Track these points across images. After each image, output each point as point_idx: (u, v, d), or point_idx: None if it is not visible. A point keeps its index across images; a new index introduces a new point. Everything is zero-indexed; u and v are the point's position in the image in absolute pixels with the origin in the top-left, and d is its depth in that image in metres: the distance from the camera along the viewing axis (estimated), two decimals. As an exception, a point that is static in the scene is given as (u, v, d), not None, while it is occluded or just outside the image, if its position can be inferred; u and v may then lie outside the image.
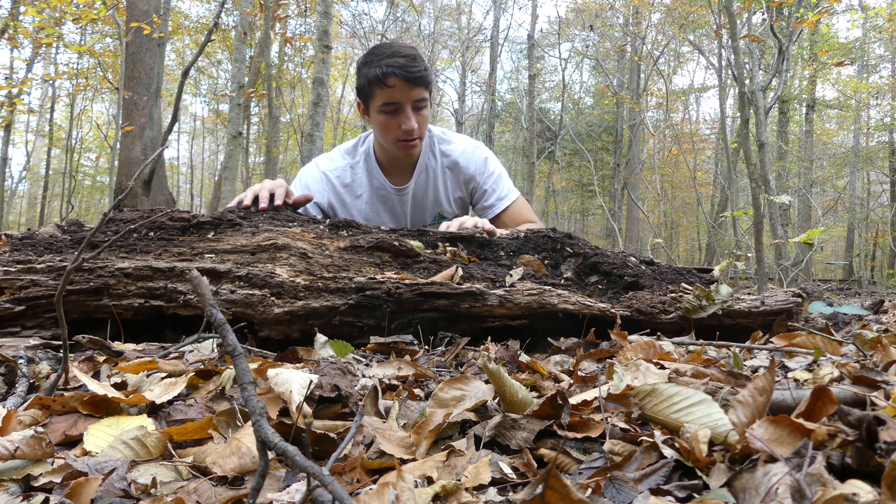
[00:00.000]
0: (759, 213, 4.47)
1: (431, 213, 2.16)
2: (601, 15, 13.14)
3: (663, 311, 1.49)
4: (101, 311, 1.37)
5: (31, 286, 1.32)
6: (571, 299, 1.47)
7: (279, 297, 1.37)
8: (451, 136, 2.17)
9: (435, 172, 2.12)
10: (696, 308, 1.47)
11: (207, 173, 23.15)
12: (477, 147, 2.17)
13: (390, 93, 1.84)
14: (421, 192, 2.12)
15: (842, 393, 0.74)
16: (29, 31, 9.69)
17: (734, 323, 1.51)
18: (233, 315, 1.35)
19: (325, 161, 2.13)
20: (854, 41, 13.02)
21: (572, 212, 19.87)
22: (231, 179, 5.62)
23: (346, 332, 1.40)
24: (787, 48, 5.39)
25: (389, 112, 1.88)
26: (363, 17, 12.78)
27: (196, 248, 1.48)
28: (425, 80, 1.87)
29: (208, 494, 0.60)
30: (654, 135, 11.78)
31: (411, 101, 1.87)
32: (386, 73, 1.81)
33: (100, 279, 1.35)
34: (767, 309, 1.50)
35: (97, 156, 13.37)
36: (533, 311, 1.44)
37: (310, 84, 7.47)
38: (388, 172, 2.09)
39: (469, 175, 2.12)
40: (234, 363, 0.63)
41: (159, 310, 1.37)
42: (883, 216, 12.94)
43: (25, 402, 0.85)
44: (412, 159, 2.05)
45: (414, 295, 1.41)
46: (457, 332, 1.45)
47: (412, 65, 1.82)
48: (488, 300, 1.42)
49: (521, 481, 0.64)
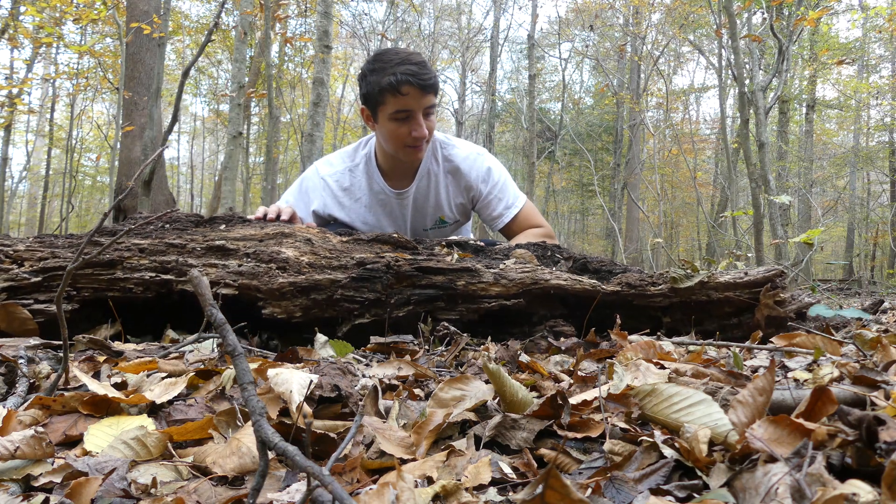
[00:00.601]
0: (759, 213, 4.47)
1: (432, 217, 2.16)
2: (601, 15, 13.14)
3: (651, 284, 1.56)
4: (114, 286, 1.43)
5: (50, 257, 1.43)
6: (563, 276, 1.56)
7: (284, 271, 1.45)
8: (454, 140, 2.16)
9: (437, 177, 2.11)
10: (682, 278, 1.53)
11: (207, 173, 23.16)
12: (480, 154, 2.14)
13: (404, 101, 1.84)
14: (422, 196, 2.12)
15: (842, 393, 0.74)
16: (29, 31, 9.69)
17: (722, 297, 1.56)
18: (238, 288, 1.42)
19: (324, 166, 2.13)
20: (854, 41, 13.02)
21: (572, 212, 19.87)
22: (231, 179, 5.62)
23: (346, 308, 1.46)
24: (787, 48, 5.39)
25: (401, 119, 1.88)
26: (363, 17, 12.80)
27: (208, 237, 1.58)
28: (436, 86, 1.89)
29: (208, 494, 0.60)
30: (654, 135, 11.78)
31: (422, 108, 1.88)
32: (400, 81, 1.81)
33: (115, 252, 1.44)
34: (752, 279, 1.55)
35: (97, 156, 13.39)
36: (527, 287, 1.51)
37: (310, 84, 7.47)
38: (388, 177, 2.09)
39: (470, 182, 2.11)
40: (234, 363, 0.63)
41: (168, 286, 1.43)
42: (883, 216, 12.94)
43: (25, 402, 0.85)
44: (416, 164, 2.05)
45: (412, 269, 1.49)
46: (454, 315, 1.50)
47: (424, 72, 1.83)
48: (483, 277, 1.51)
49: (521, 481, 0.64)
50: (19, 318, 1.35)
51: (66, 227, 12.98)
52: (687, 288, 1.53)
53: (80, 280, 1.42)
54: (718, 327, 1.60)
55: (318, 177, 2.11)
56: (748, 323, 1.57)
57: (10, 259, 1.42)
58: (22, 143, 17.36)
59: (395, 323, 1.53)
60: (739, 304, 1.57)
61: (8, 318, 1.34)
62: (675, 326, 1.60)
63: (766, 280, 1.55)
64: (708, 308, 1.59)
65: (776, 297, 1.53)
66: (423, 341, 1.50)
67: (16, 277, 1.38)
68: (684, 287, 1.53)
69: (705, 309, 1.60)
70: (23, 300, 1.37)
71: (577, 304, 1.59)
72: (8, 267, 1.40)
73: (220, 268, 1.46)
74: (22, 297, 1.38)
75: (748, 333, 1.58)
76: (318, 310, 1.47)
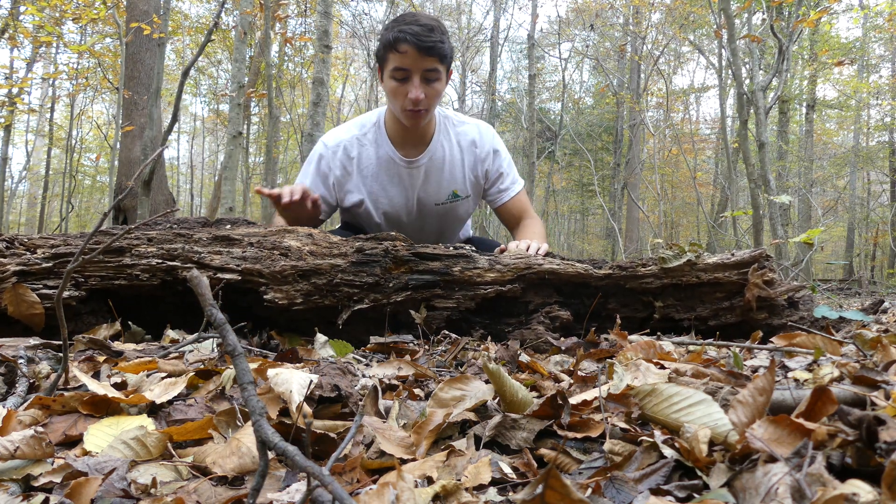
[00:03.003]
0: (759, 214, 4.47)
1: (446, 190, 2.15)
2: (601, 15, 13.14)
3: (641, 265, 1.63)
4: (121, 273, 1.46)
5: (62, 245, 1.48)
6: (556, 261, 1.64)
7: (286, 257, 1.51)
8: (463, 117, 2.20)
9: (451, 150, 2.12)
10: (671, 258, 1.61)
11: (207, 173, 23.15)
12: (489, 129, 2.21)
13: (401, 58, 1.85)
14: (437, 167, 2.12)
15: (842, 393, 0.74)
16: (29, 31, 9.68)
17: (712, 278, 1.63)
18: (242, 273, 1.47)
19: (330, 136, 2.13)
20: (854, 41, 13.02)
21: (572, 212, 19.85)
22: (231, 179, 5.62)
23: (346, 294, 1.52)
24: (787, 48, 5.39)
25: (398, 79, 1.89)
26: (363, 17, 12.79)
27: (213, 234, 1.62)
28: (439, 51, 1.85)
29: (208, 494, 0.60)
30: (654, 135, 11.78)
31: (420, 71, 1.86)
32: (398, 39, 1.82)
33: (124, 240, 1.49)
34: (738, 260, 1.63)
35: (97, 156, 13.37)
36: (521, 272, 1.58)
37: (310, 84, 7.47)
38: (397, 144, 2.08)
39: (485, 153, 2.15)
40: (234, 363, 0.63)
41: (174, 273, 1.47)
42: (883, 216, 12.95)
43: (25, 402, 0.85)
44: (419, 131, 2.05)
45: (409, 254, 1.57)
46: (452, 303, 1.56)
47: (426, 34, 1.82)
48: (479, 263, 1.58)
49: (521, 481, 0.64)
50: (27, 301, 1.36)
51: (66, 226, 12.98)
52: (676, 268, 1.61)
53: (87, 267, 1.45)
54: (711, 312, 1.64)
55: (324, 147, 2.10)
56: (740, 306, 1.62)
57: (23, 246, 1.47)
58: (22, 142, 17.36)
59: (394, 312, 1.56)
60: (731, 287, 1.64)
61: (16, 301, 1.36)
62: (669, 313, 1.64)
63: (753, 260, 1.63)
64: (700, 292, 1.65)
65: (764, 276, 1.61)
66: (420, 332, 1.52)
67: (27, 262, 1.41)
68: (673, 266, 1.60)
69: (697, 293, 1.65)
70: (33, 285, 1.40)
71: (572, 293, 1.65)
72: (21, 252, 1.44)
73: (225, 254, 1.51)
74: (33, 282, 1.41)
75: (741, 317, 1.63)
76: (319, 296, 1.51)
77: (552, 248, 2.16)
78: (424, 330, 1.54)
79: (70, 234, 1.62)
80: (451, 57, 1.93)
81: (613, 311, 1.63)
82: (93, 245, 1.49)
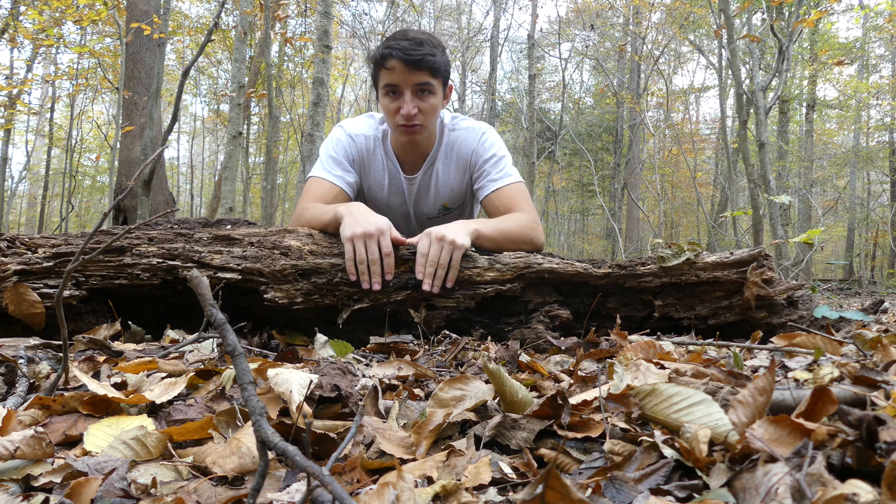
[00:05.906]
0: (759, 214, 4.47)
1: (437, 204, 2.14)
2: (601, 15, 13.14)
3: (641, 264, 1.64)
4: (122, 272, 1.46)
5: (63, 244, 1.49)
6: (555, 260, 1.63)
7: (286, 256, 1.52)
8: (460, 121, 2.10)
9: (446, 165, 2.09)
10: (669, 257, 1.61)
11: (207, 173, 23.15)
12: (479, 127, 2.08)
13: (390, 75, 1.83)
14: (428, 184, 2.10)
15: (842, 393, 0.74)
16: (29, 32, 9.68)
17: (711, 277, 1.63)
18: (242, 272, 1.47)
19: (350, 125, 2.09)
20: (854, 41, 13.02)
21: (572, 212, 19.86)
22: (231, 179, 5.62)
23: (345, 293, 1.53)
24: (787, 48, 5.39)
25: (389, 95, 1.87)
26: (363, 17, 12.78)
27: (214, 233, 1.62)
28: (429, 64, 1.81)
29: (208, 494, 0.60)
30: (655, 135, 11.78)
31: (411, 85, 1.84)
32: (384, 55, 1.81)
33: (125, 240, 1.50)
34: (737, 258, 1.64)
35: (97, 156, 13.37)
36: (520, 271, 1.58)
37: (310, 84, 7.47)
38: (399, 159, 2.07)
39: (465, 155, 2.06)
40: (234, 363, 0.63)
41: (175, 272, 1.47)
42: (883, 216, 12.95)
43: (25, 402, 0.85)
44: (417, 147, 2.02)
45: (409, 253, 1.58)
46: (452, 302, 1.56)
47: (414, 48, 1.79)
48: (478, 261, 1.60)
49: (521, 481, 0.64)
50: (28, 300, 1.37)
51: (66, 227, 12.98)
52: (675, 266, 1.60)
53: (88, 267, 1.46)
54: (711, 311, 1.64)
55: (345, 133, 2.06)
56: (739, 305, 1.62)
57: (24, 246, 1.47)
58: (22, 143, 17.35)
59: (394, 311, 1.56)
60: (730, 286, 1.64)
61: (17, 300, 1.36)
62: (669, 312, 1.64)
63: (752, 259, 1.63)
64: (699, 291, 1.65)
65: (763, 275, 1.61)
66: (420, 331, 1.52)
67: (29, 261, 1.42)
68: (672, 265, 1.60)
69: (696, 292, 1.65)
70: (33, 284, 1.40)
71: (571, 292, 1.65)
72: (22, 252, 1.45)
73: (226, 254, 1.51)
74: (33, 281, 1.42)
75: (740, 315, 1.63)
76: (319, 295, 1.51)
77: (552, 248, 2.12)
78: (424, 329, 1.54)
79: (71, 233, 1.62)
80: (445, 70, 1.88)
81: (613, 310, 1.63)
82: (93, 244, 1.49)
